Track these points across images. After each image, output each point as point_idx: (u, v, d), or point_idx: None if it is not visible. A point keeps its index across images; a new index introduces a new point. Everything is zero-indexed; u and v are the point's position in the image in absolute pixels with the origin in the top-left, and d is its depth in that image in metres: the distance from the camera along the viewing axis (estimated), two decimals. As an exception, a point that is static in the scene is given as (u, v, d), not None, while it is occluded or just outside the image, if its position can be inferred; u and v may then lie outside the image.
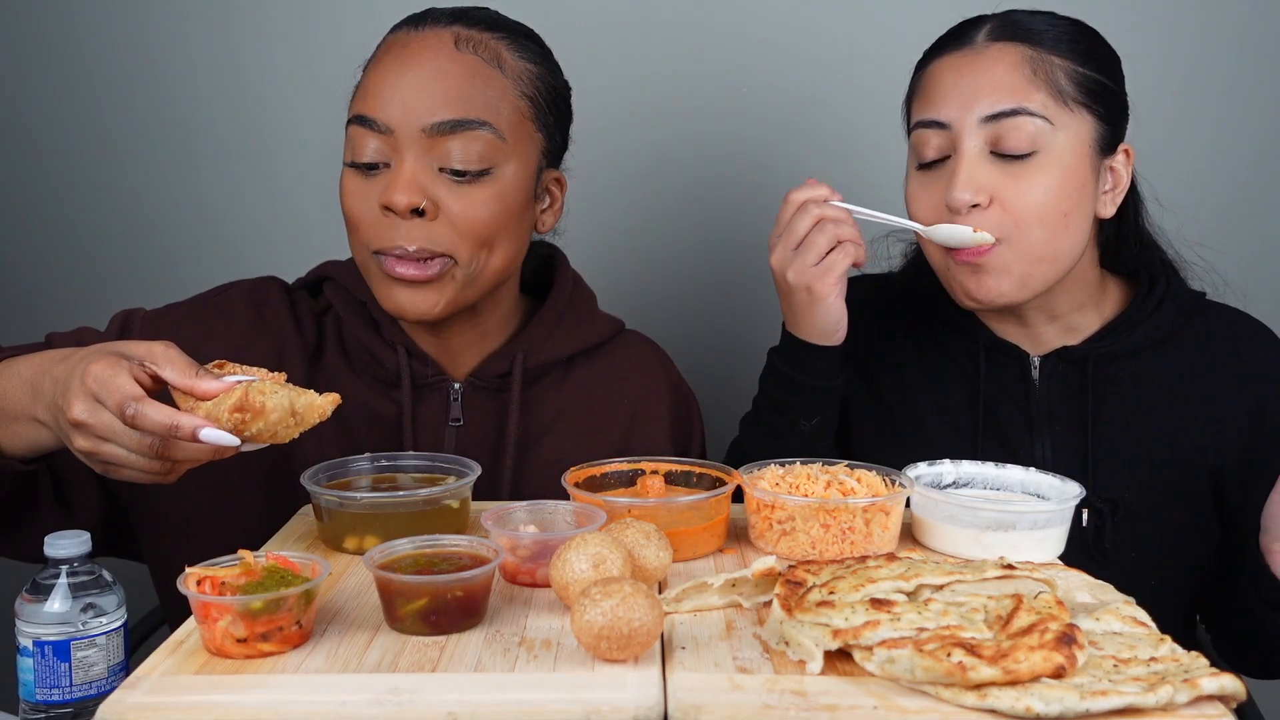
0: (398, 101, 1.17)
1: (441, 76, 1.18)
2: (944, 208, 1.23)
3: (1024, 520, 1.03)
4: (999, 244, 1.21)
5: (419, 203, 1.16)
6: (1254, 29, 1.81)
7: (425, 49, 1.20)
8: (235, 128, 1.89)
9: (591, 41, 1.83)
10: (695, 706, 0.75)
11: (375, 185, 1.19)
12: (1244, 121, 1.83)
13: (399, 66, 1.19)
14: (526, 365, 1.30)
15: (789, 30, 1.85)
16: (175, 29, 1.88)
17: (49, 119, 1.90)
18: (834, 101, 1.85)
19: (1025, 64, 1.21)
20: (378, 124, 1.18)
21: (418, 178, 1.17)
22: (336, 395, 1.00)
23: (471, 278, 1.21)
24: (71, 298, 1.92)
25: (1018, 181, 1.21)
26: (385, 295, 1.21)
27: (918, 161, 1.27)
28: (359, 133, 1.19)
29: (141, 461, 0.96)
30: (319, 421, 0.99)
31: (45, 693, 0.94)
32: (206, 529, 1.24)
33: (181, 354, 0.98)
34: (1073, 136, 1.22)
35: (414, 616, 0.86)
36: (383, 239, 1.18)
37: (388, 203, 1.17)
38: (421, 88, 1.17)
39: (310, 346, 1.29)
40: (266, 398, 0.95)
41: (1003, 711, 0.73)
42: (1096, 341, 1.30)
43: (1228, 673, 0.76)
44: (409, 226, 1.17)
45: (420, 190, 1.17)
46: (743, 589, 0.92)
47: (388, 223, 1.18)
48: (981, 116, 1.21)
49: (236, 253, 1.90)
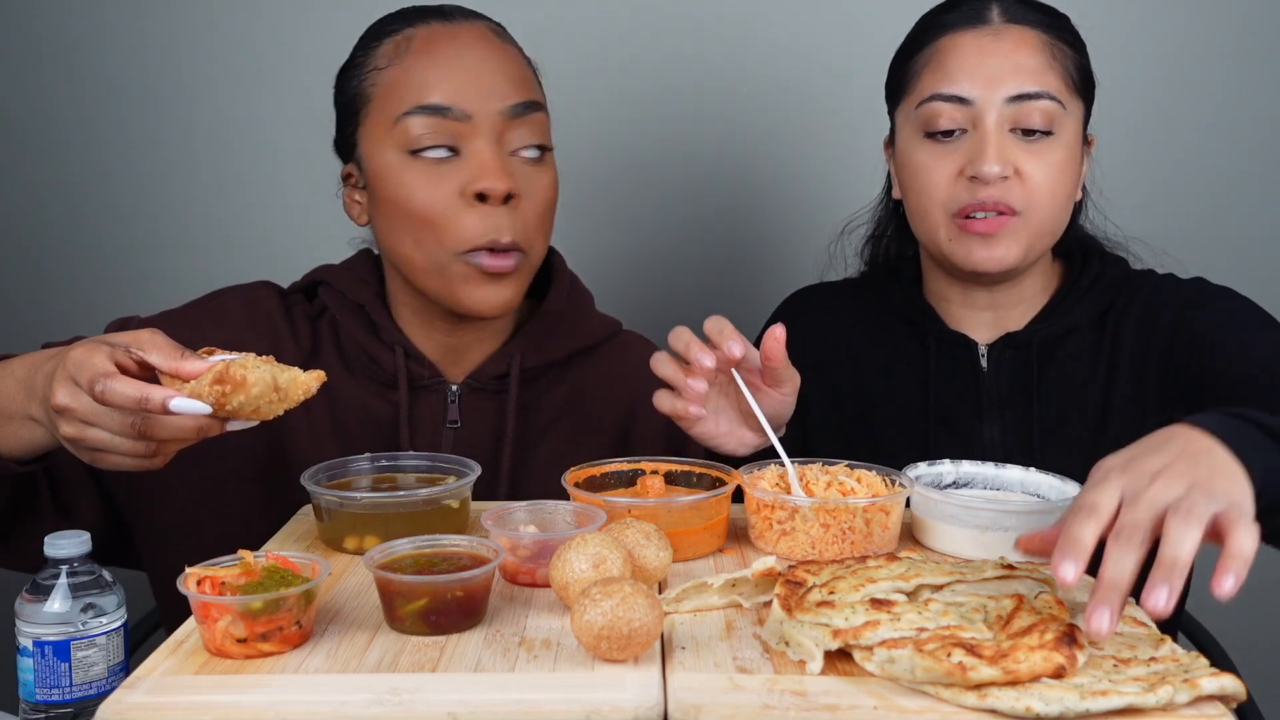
0: (472, 87, 1.17)
1: (505, 62, 1.21)
2: (958, 177, 1.27)
3: (1024, 520, 1.03)
4: (1017, 215, 1.26)
5: (513, 187, 1.17)
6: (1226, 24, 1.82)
7: (476, 39, 1.21)
8: (229, 133, 1.89)
9: (588, 41, 1.83)
10: (695, 706, 0.75)
11: (450, 175, 1.18)
12: (1216, 116, 1.85)
13: (458, 55, 1.19)
14: (524, 366, 1.30)
15: (787, 29, 1.85)
16: (166, 33, 1.87)
17: (42, 125, 1.89)
18: (833, 101, 1.86)
19: (1044, 48, 1.27)
20: (453, 110, 1.17)
21: (504, 162, 1.18)
22: (321, 372, 0.99)
23: (533, 267, 1.23)
24: (65, 307, 1.92)
25: (1036, 159, 1.26)
26: (469, 294, 1.20)
27: (925, 131, 1.29)
28: (426, 122, 1.17)
29: (125, 444, 0.96)
30: (304, 398, 0.98)
31: (45, 693, 0.94)
32: (203, 532, 1.23)
33: (167, 339, 0.98)
34: (1074, 120, 1.29)
35: (414, 616, 0.86)
36: (479, 234, 1.17)
37: (484, 189, 1.16)
38: (496, 72, 1.19)
39: (305, 349, 1.29)
40: (248, 371, 0.94)
41: (1003, 711, 0.73)
42: (1038, 324, 1.34)
43: (1228, 673, 0.76)
44: (499, 217, 1.17)
45: (510, 174, 1.18)
46: (743, 589, 0.92)
47: (477, 215, 1.17)
48: (1007, 96, 1.25)
49: (231, 259, 1.90)
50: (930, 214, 1.30)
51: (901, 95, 1.34)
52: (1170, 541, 0.78)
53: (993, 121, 1.25)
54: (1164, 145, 1.86)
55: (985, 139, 1.25)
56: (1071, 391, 1.33)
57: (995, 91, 1.25)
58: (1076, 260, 1.38)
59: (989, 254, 1.27)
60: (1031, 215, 1.26)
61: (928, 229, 1.31)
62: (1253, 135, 1.86)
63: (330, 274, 1.33)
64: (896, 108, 1.36)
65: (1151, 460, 0.84)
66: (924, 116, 1.29)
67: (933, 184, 1.28)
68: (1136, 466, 0.83)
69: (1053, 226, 1.29)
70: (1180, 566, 0.77)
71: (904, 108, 1.33)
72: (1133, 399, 1.31)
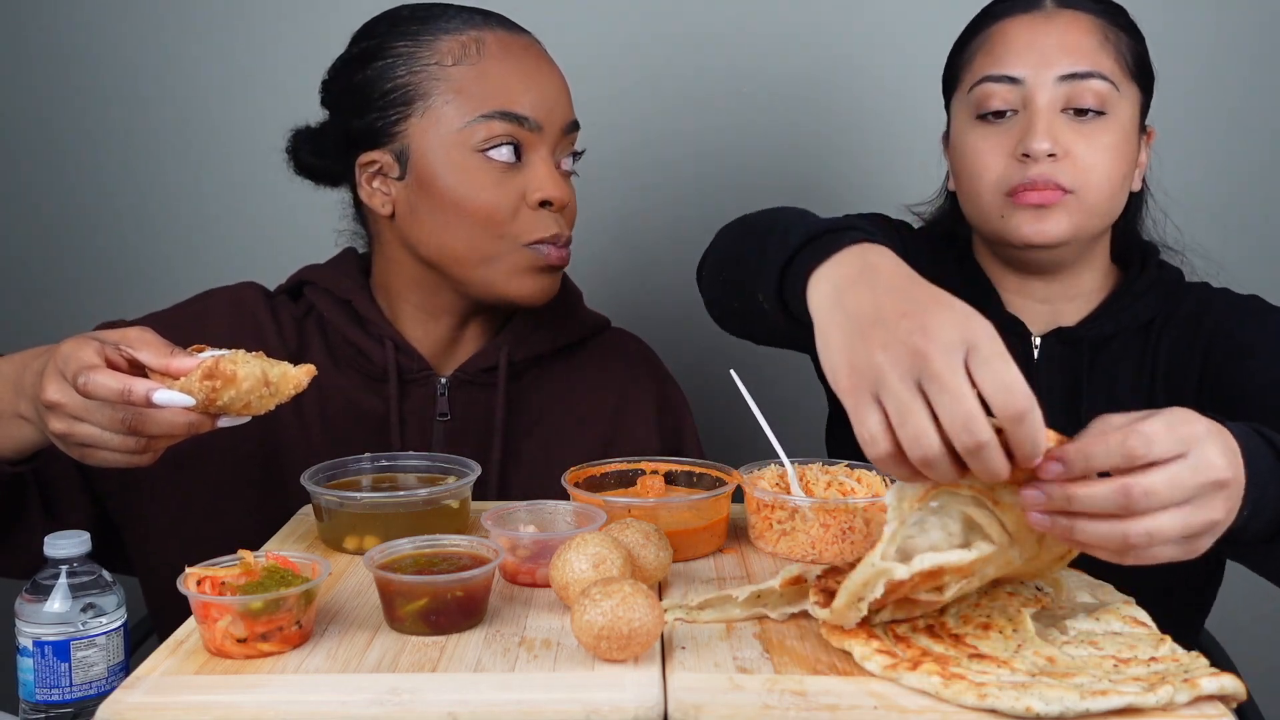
0: (550, 101, 1.25)
1: (562, 79, 1.29)
2: (1009, 157, 1.27)
3: (1024, 520, 1.03)
4: (1069, 193, 1.25)
5: (572, 199, 1.28)
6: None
7: (541, 52, 1.29)
8: (219, 136, 1.89)
9: (586, 41, 1.83)
10: (695, 706, 0.75)
11: (515, 179, 1.24)
12: (1252, 116, 1.83)
13: (535, 66, 1.26)
14: (512, 360, 1.31)
15: (787, 28, 1.85)
16: (157, 36, 1.87)
17: (33, 128, 1.89)
18: (832, 100, 1.86)
19: (1097, 30, 1.27)
20: (529, 121, 1.23)
21: (561, 174, 1.27)
22: (311, 366, 0.99)
23: (565, 260, 1.29)
24: (56, 309, 1.90)
25: (1087, 139, 1.25)
26: (523, 282, 1.26)
27: (977, 113, 1.30)
28: (505, 127, 1.22)
29: (114, 439, 0.96)
30: (295, 392, 0.98)
31: (45, 693, 0.94)
32: (195, 530, 1.23)
33: (157, 336, 0.98)
34: (1129, 105, 1.28)
35: (414, 616, 0.86)
36: (545, 228, 1.24)
37: (551, 198, 1.24)
38: (563, 89, 1.28)
39: (292, 348, 1.30)
40: (238, 366, 0.94)
41: (1003, 711, 0.73)
42: (1090, 322, 1.34)
43: (1228, 673, 0.76)
44: (556, 219, 1.25)
45: (568, 187, 1.28)
46: (768, 600, 0.91)
47: (540, 215, 1.24)
48: (1058, 75, 1.25)
49: (218, 262, 1.90)
50: (983, 195, 1.29)
51: (956, 84, 1.35)
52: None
53: (1044, 101, 1.25)
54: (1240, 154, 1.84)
55: (1035, 116, 1.25)
56: (1118, 393, 1.32)
57: (1047, 71, 1.25)
58: (1136, 264, 1.36)
59: (1039, 227, 1.25)
60: (1084, 195, 1.25)
61: (981, 211, 1.31)
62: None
63: (315, 273, 1.34)
64: (951, 98, 1.36)
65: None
66: (976, 99, 1.29)
67: (985, 165, 1.28)
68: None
69: (1106, 209, 1.28)
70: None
71: (958, 95, 1.34)
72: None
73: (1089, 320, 1.34)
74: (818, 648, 0.84)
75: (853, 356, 0.80)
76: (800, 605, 0.90)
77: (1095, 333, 1.33)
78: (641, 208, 1.90)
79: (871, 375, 0.79)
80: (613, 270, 1.90)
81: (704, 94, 1.86)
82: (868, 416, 0.79)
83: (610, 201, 1.87)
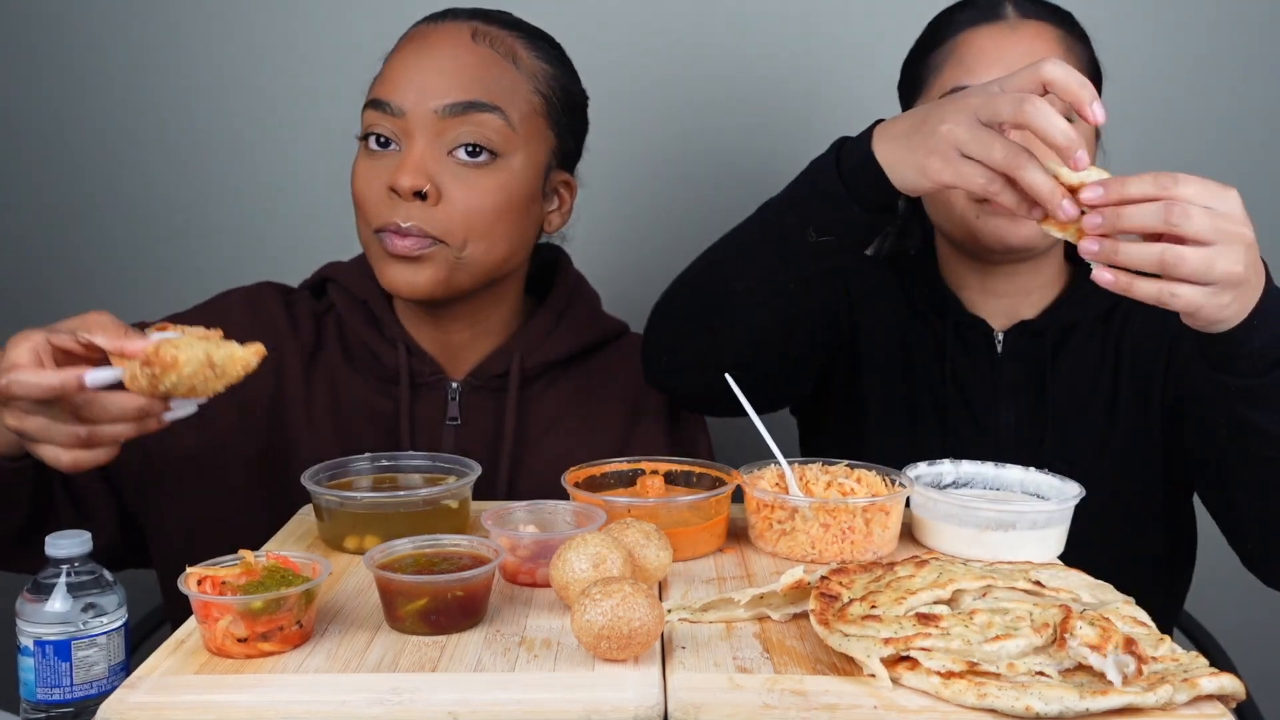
0: (413, 86, 1.21)
1: (456, 63, 1.22)
2: None
3: (1024, 520, 1.03)
4: None
5: (422, 185, 1.19)
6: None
7: (443, 39, 1.24)
8: (236, 133, 1.88)
9: (600, 46, 1.82)
10: (695, 706, 0.75)
11: (384, 167, 1.21)
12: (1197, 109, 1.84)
13: (415, 54, 1.23)
14: (524, 365, 1.30)
15: (797, 34, 1.85)
16: (172, 33, 1.87)
17: (48, 127, 1.88)
18: (843, 105, 1.85)
19: (1060, 41, 1.31)
20: (391, 107, 1.21)
21: (425, 161, 1.20)
22: (260, 346, 0.99)
23: (463, 262, 1.22)
24: (72, 310, 1.90)
25: None
26: (382, 272, 1.23)
27: None
28: (372, 116, 1.23)
29: (60, 432, 0.96)
30: (244, 373, 0.98)
31: (46, 692, 0.94)
32: (208, 528, 1.24)
33: (114, 318, 0.97)
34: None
35: (414, 616, 0.86)
36: (383, 216, 1.21)
37: (393, 184, 1.19)
38: (436, 72, 1.21)
39: (308, 346, 1.30)
40: (179, 351, 0.94)
41: (1003, 711, 0.73)
42: (1051, 313, 1.37)
43: (1227, 673, 0.76)
44: (409, 207, 1.20)
45: (425, 173, 1.19)
46: (771, 601, 0.91)
47: (391, 203, 1.21)
48: None
49: (238, 259, 1.89)
50: (956, 199, 1.31)
51: (919, 91, 1.36)
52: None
53: None
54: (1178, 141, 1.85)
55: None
56: (1083, 381, 1.35)
57: None
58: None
59: (1014, 230, 1.28)
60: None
61: (952, 214, 1.32)
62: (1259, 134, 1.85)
63: (338, 271, 1.34)
64: (912, 105, 1.37)
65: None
66: None
67: None
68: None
69: None
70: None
71: (922, 103, 1.34)
72: (1139, 393, 1.34)
73: (1049, 312, 1.37)
74: (818, 648, 0.84)
75: (931, 145, 0.99)
76: (802, 606, 0.90)
77: (1056, 323, 1.36)
78: (641, 208, 1.89)
79: (951, 142, 0.98)
80: (631, 273, 1.89)
81: (723, 97, 1.85)
82: (970, 172, 0.98)
83: (609, 202, 1.87)
